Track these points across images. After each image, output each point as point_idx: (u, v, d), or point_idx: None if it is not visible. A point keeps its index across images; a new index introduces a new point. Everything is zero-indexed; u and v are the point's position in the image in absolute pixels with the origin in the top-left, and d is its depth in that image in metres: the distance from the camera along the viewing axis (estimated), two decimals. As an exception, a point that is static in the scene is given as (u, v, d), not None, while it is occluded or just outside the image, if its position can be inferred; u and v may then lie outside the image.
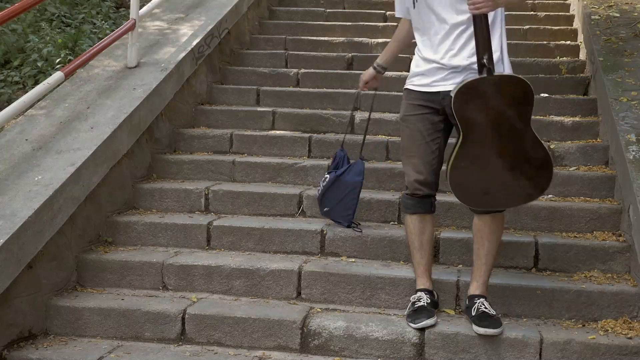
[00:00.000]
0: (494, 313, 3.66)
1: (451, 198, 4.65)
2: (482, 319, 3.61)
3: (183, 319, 3.81)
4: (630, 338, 3.61)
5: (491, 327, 3.58)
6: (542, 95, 5.86)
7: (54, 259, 4.01)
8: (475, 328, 3.60)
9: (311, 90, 6.15)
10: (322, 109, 5.88)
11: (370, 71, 4.13)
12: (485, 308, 3.64)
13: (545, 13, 7.58)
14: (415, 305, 3.72)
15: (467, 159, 3.49)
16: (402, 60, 6.58)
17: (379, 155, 5.27)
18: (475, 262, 3.75)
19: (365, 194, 4.74)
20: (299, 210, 4.75)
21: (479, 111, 3.43)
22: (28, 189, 3.95)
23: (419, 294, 3.77)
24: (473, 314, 3.64)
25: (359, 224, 4.45)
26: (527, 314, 3.87)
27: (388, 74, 6.25)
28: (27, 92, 5.27)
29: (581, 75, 6.25)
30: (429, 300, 3.74)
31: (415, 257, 3.83)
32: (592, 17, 6.41)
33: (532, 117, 3.45)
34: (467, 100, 3.41)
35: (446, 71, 3.62)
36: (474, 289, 3.74)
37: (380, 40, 6.97)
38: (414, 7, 3.70)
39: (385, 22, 7.49)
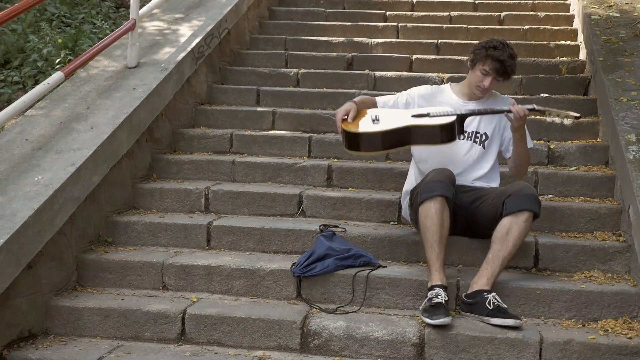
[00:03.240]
0: (506, 307, 3.71)
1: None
2: (501, 312, 3.65)
3: (183, 319, 3.81)
4: (630, 338, 3.61)
5: (515, 318, 3.64)
6: (542, 95, 5.86)
7: (54, 259, 4.01)
8: (499, 321, 3.62)
9: (311, 90, 6.14)
10: (322, 109, 5.88)
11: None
12: (500, 302, 3.69)
13: (545, 13, 7.58)
14: (433, 301, 3.68)
15: None
16: (402, 60, 6.61)
17: (379, 155, 5.26)
18: (491, 262, 3.79)
19: (365, 194, 4.75)
20: (299, 210, 4.74)
21: None
22: (28, 189, 3.95)
23: (436, 290, 3.73)
24: (490, 307, 3.67)
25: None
26: (527, 314, 3.87)
27: (388, 74, 6.28)
28: (27, 92, 5.27)
29: (581, 75, 6.25)
30: (447, 298, 3.72)
31: (435, 250, 3.79)
32: (592, 17, 6.41)
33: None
34: None
35: None
36: (482, 284, 3.75)
37: (380, 40, 6.97)
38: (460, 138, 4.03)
39: (385, 22, 7.48)
